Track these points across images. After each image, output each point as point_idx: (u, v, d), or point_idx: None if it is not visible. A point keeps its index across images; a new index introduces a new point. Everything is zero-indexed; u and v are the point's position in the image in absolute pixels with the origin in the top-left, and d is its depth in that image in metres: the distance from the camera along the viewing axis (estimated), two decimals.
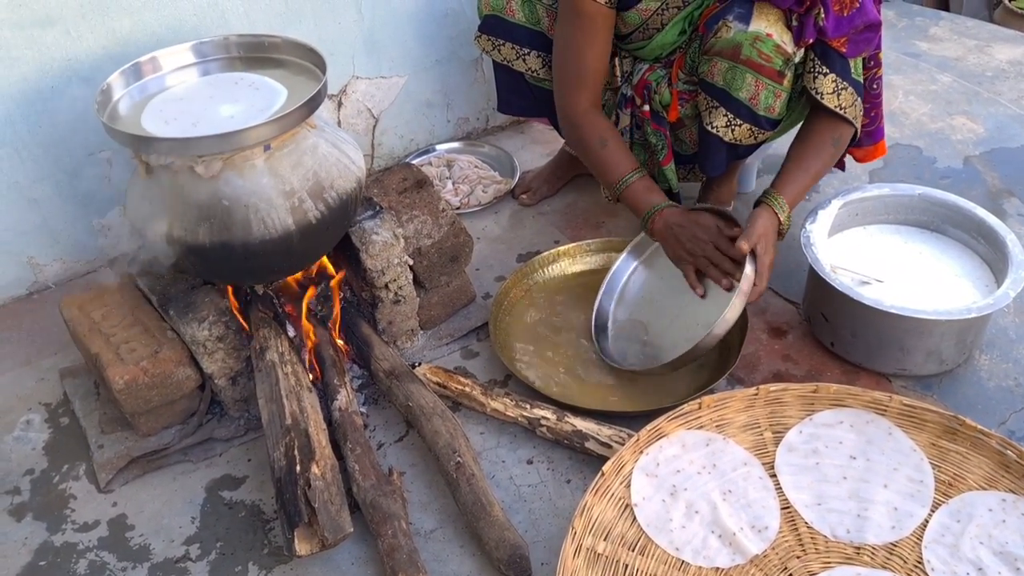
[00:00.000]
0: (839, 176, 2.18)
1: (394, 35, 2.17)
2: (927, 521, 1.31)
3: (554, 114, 1.88)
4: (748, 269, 1.53)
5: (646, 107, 1.78)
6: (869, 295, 1.57)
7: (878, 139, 1.82)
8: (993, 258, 1.68)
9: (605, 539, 1.30)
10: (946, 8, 3.37)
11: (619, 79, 1.84)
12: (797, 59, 1.58)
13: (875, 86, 1.72)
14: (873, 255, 1.74)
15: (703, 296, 1.64)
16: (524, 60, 1.89)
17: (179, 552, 1.44)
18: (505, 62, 1.91)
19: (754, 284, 1.54)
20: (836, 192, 1.81)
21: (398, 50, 2.20)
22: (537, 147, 2.43)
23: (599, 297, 1.78)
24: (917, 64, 2.76)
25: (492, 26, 1.88)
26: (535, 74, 1.91)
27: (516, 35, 1.86)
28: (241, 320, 1.58)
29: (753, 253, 1.55)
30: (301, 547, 1.30)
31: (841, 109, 1.61)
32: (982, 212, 1.72)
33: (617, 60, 1.83)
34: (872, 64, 1.68)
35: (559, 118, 1.81)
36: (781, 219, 1.60)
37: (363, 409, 1.64)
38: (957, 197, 1.76)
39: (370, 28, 2.12)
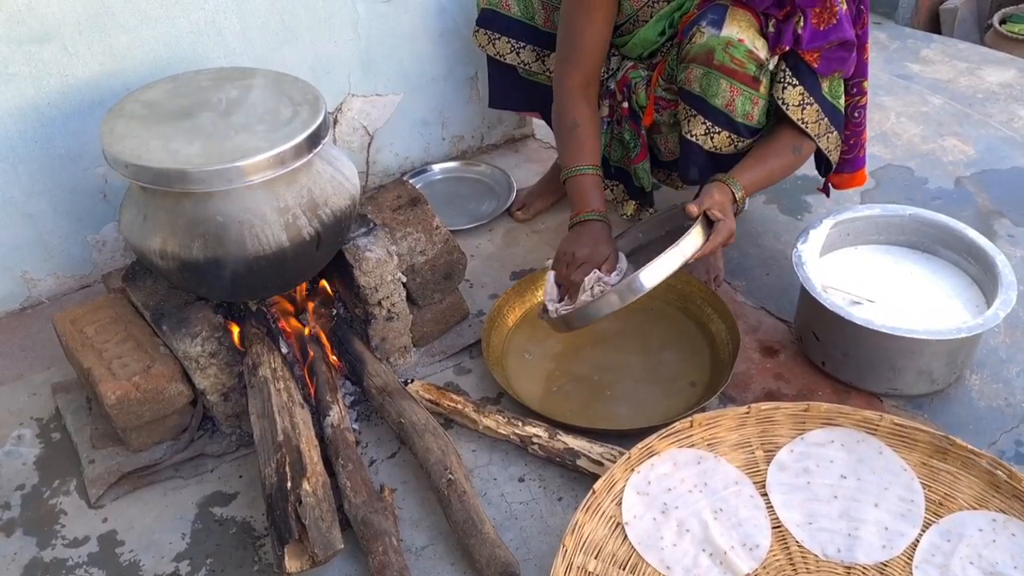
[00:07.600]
0: (831, 196, 2.19)
1: (390, 54, 2.19)
2: (918, 541, 1.32)
3: (545, 108, 1.91)
4: (693, 232, 1.48)
5: (625, 104, 1.84)
6: (860, 315, 1.58)
7: (858, 167, 1.84)
8: (983, 279, 1.69)
9: (596, 557, 1.30)
10: (938, 31, 3.40)
11: (605, 72, 1.89)
12: (771, 66, 1.59)
13: (857, 114, 1.74)
14: (864, 275, 1.75)
15: (543, 312, 1.63)
16: (518, 54, 1.95)
17: (169, 568, 1.43)
18: (499, 56, 1.97)
19: (714, 246, 1.51)
20: (827, 212, 1.82)
21: (394, 68, 2.21)
22: (532, 165, 2.44)
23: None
24: (909, 86, 2.78)
25: (489, 20, 1.94)
26: (527, 68, 1.97)
27: (511, 29, 1.93)
28: (234, 336, 1.58)
29: (707, 220, 1.52)
30: (291, 564, 1.30)
31: (804, 124, 1.62)
32: (972, 233, 1.73)
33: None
34: (855, 92, 1.70)
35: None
36: (736, 193, 1.59)
37: (355, 426, 1.64)
38: (948, 218, 1.77)
39: (366, 47, 2.13)
